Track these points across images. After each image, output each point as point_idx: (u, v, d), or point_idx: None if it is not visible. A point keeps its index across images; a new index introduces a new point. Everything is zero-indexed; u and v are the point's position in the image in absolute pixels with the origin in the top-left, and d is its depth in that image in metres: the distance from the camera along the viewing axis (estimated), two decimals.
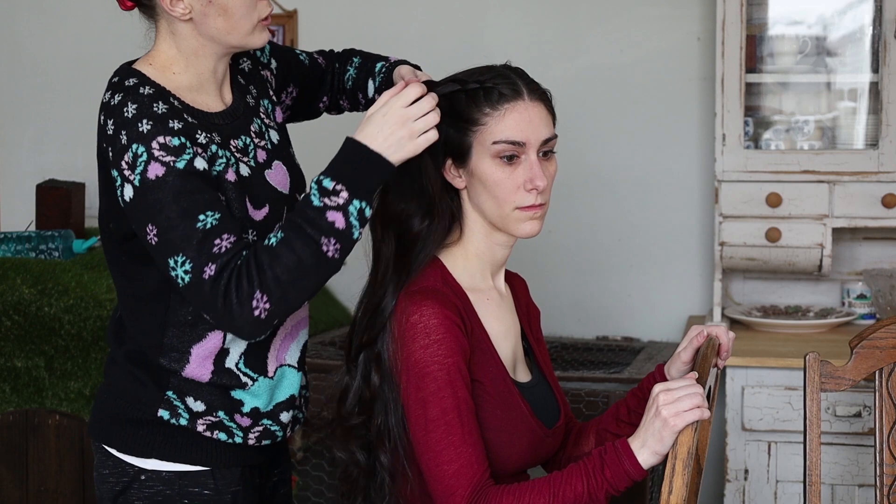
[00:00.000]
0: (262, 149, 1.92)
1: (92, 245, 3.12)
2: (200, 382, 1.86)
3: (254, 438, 1.91)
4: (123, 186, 1.75)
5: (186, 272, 1.73)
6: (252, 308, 1.72)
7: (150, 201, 1.73)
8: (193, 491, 1.87)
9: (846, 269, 3.34)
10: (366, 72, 2.12)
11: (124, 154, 1.74)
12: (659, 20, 3.44)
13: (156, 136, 1.74)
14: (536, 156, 1.85)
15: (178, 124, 1.77)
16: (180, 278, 1.74)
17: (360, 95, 2.13)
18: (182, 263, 1.73)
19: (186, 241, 1.72)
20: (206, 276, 1.72)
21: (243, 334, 1.78)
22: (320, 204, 1.74)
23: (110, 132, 1.77)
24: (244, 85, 1.96)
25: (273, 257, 1.73)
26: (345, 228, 1.74)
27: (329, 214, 1.73)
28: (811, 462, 2.08)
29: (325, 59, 2.16)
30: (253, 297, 1.72)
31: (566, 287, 3.51)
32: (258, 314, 1.73)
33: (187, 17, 1.81)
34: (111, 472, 1.89)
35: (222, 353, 1.87)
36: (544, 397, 1.97)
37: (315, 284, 1.76)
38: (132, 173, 1.74)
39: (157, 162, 1.73)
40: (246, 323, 1.73)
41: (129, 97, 1.77)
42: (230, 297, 1.72)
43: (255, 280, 1.72)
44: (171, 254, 1.73)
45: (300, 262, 1.72)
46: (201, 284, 1.72)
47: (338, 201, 1.74)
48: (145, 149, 1.73)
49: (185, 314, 1.84)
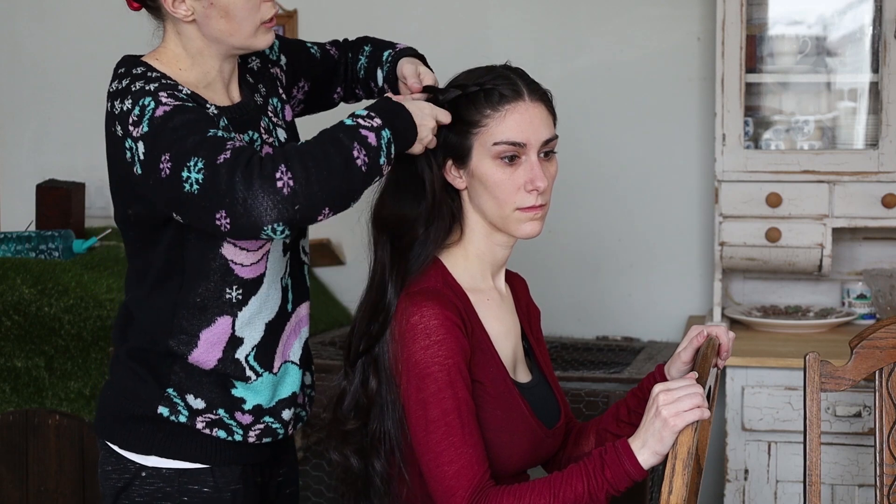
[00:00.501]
0: (270, 146, 1.93)
1: (92, 245, 3.12)
2: (202, 372, 1.86)
3: (254, 436, 1.91)
4: (137, 151, 1.71)
5: (199, 170, 1.63)
6: (275, 179, 1.61)
7: (162, 135, 1.68)
8: (193, 488, 1.88)
9: (846, 269, 3.34)
10: (375, 60, 2.12)
11: (130, 115, 1.72)
12: (659, 20, 3.44)
13: (163, 89, 1.74)
14: (537, 156, 1.85)
15: (188, 91, 1.78)
16: (194, 183, 1.64)
17: (372, 84, 2.14)
18: (194, 165, 1.64)
19: (197, 147, 1.65)
20: (220, 160, 1.63)
21: (263, 213, 1.61)
22: (353, 123, 1.72)
23: (117, 111, 1.76)
24: (253, 83, 1.97)
25: (302, 149, 1.67)
26: (376, 146, 1.71)
27: (362, 130, 1.71)
28: (811, 462, 2.08)
29: (337, 50, 2.16)
30: (277, 170, 1.62)
31: (566, 287, 3.51)
32: (281, 186, 1.61)
33: (190, 19, 1.82)
34: (114, 468, 1.91)
35: (234, 342, 1.87)
36: (544, 397, 1.97)
37: (339, 187, 1.66)
38: (139, 127, 1.70)
39: (164, 104, 1.71)
40: (267, 195, 1.60)
41: (137, 79, 1.77)
42: (251, 169, 1.61)
43: (280, 158, 1.64)
44: (183, 164, 1.65)
45: (329, 157, 1.66)
46: (216, 171, 1.62)
47: (371, 123, 1.73)
48: (151, 98, 1.72)
49: (195, 296, 1.84)
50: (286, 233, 1.65)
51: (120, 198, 1.86)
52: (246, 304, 1.87)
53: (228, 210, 1.62)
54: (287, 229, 1.65)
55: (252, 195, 1.61)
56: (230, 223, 1.64)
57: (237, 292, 1.86)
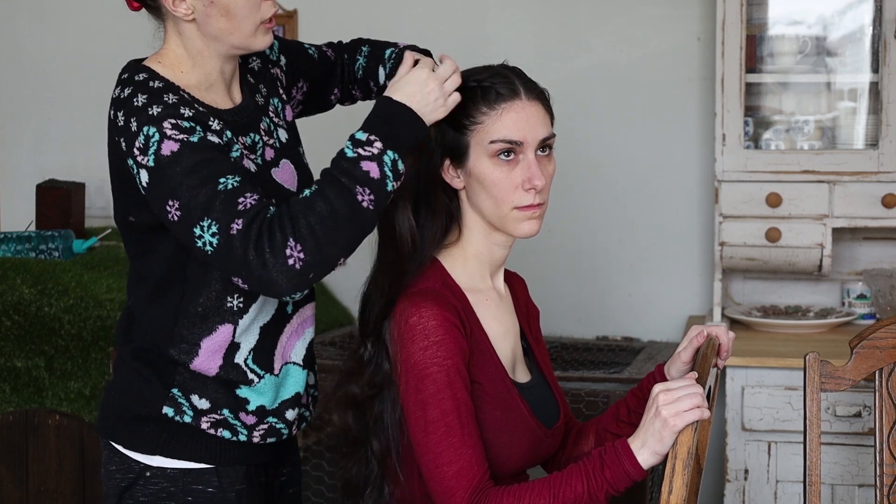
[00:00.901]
0: (271, 147, 1.93)
1: (92, 245, 3.12)
2: (206, 377, 1.86)
3: (258, 436, 1.91)
4: (139, 173, 1.74)
5: (213, 234, 1.69)
6: (286, 257, 1.67)
7: (168, 177, 1.71)
8: (197, 488, 1.88)
9: (846, 269, 3.34)
10: (375, 59, 2.12)
11: (136, 139, 1.73)
12: (659, 20, 3.44)
13: (167, 118, 1.74)
14: (534, 155, 1.85)
15: (189, 112, 1.77)
16: (207, 244, 1.69)
17: (372, 83, 2.13)
18: (208, 227, 1.69)
19: (209, 205, 1.69)
20: (233, 231, 1.68)
21: (281, 289, 1.70)
22: (354, 154, 1.73)
23: (121, 123, 1.76)
24: (254, 84, 1.97)
25: (306, 207, 1.70)
26: (379, 178, 1.72)
27: (363, 164, 1.72)
28: (811, 462, 2.08)
29: (333, 51, 2.16)
30: (286, 246, 1.67)
31: (566, 287, 3.51)
32: (293, 264, 1.67)
33: (190, 18, 1.82)
34: (117, 468, 1.90)
35: (232, 348, 1.87)
36: (544, 397, 1.96)
37: (349, 237, 1.72)
38: (145, 156, 1.72)
39: (171, 140, 1.72)
40: (281, 274, 1.68)
41: (139, 90, 1.78)
42: (262, 247, 1.67)
43: (288, 229, 1.68)
44: (196, 221, 1.70)
45: (334, 211, 1.69)
46: (230, 241, 1.68)
47: (372, 151, 1.73)
48: (156, 129, 1.73)
49: (196, 305, 1.84)
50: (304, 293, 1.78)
51: (121, 202, 1.86)
52: (247, 312, 1.87)
53: (245, 280, 1.71)
54: (304, 291, 1.75)
55: (267, 273, 1.68)
56: (247, 285, 1.72)
57: (238, 300, 1.86)
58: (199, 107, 1.81)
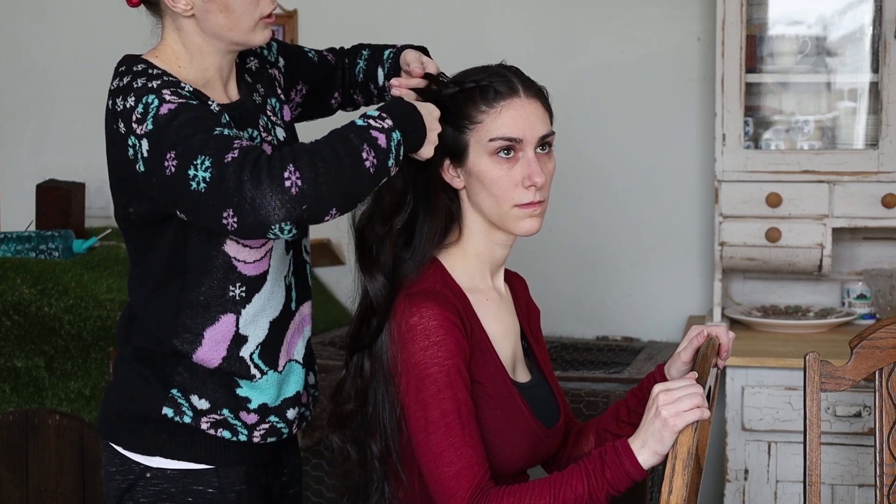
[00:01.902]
0: (269, 144, 1.93)
1: (92, 245, 3.11)
2: (207, 371, 1.86)
3: (259, 436, 1.91)
4: (140, 147, 1.71)
5: (206, 168, 1.64)
6: (283, 179, 1.61)
7: (166, 134, 1.69)
8: (197, 489, 1.88)
9: (846, 269, 3.34)
10: (375, 61, 2.13)
11: (134, 113, 1.73)
12: (659, 20, 3.44)
13: (166, 87, 1.74)
14: (534, 152, 1.85)
15: (190, 88, 1.78)
16: (201, 181, 1.64)
17: (372, 86, 2.14)
18: (202, 164, 1.64)
19: (205, 145, 1.66)
20: (228, 159, 1.63)
21: (271, 212, 1.62)
22: (364, 123, 1.72)
23: (119, 108, 1.76)
24: (251, 83, 1.98)
25: (310, 147, 1.68)
26: (385, 148, 1.71)
27: (373, 131, 1.71)
28: (811, 462, 2.08)
29: (334, 56, 2.16)
30: (285, 170, 1.62)
31: (566, 287, 3.51)
32: (289, 186, 1.61)
33: (189, 14, 1.83)
34: (117, 469, 1.90)
35: (238, 340, 1.87)
36: (544, 397, 1.96)
37: (346, 188, 1.66)
38: (143, 124, 1.71)
39: (169, 102, 1.71)
40: (275, 195, 1.60)
41: (138, 76, 1.78)
42: (259, 169, 1.61)
43: (289, 157, 1.64)
44: (190, 162, 1.65)
45: (338, 157, 1.66)
46: (224, 169, 1.62)
47: (382, 125, 1.73)
48: (155, 96, 1.72)
49: (198, 295, 1.85)
50: (293, 232, 1.66)
51: (120, 196, 1.85)
52: (249, 302, 1.87)
53: (236, 209, 1.63)
54: (294, 228, 1.65)
55: (260, 194, 1.61)
56: (237, 222, 1.64)
57: (240, 290, 1.86)
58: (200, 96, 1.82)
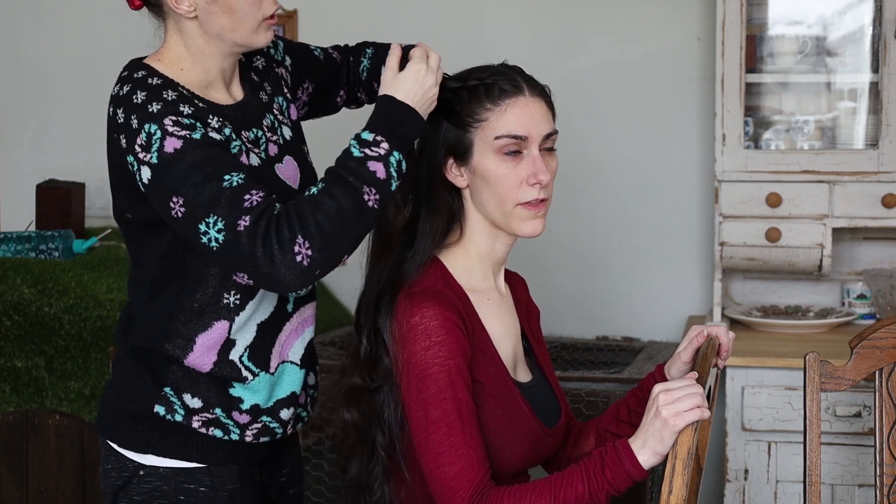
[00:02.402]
0: (274, 143, 1.93)
1: (92, 245, 3.11)
2: (200, 373, 1.86)
3: (251, 435, 1.91)
4: (140, 170, 1.74)
5: (220, 230, 1.69)
6: (294, 254, 1.68)
7: (171, 174, 1.71)
8: (189, 487, 1.88)
9: (846, 269, 3.34)
10: (378, 60, 2.13)
11: (137, 137, 1.74)
12: (659, 20, 3.44)
13: (167, 115, 1.75)
14: (538, 151, 1.85)
15: (189, 109, 1.78)
16: (213, 240, 1.70)
17: (375, 84, 2.14)
18: (214, 224, 1.70)
19: (215, 202, 1.70)
20: (240, 227, 1.69)
21: (288, 285, 1.71)
22: (361, 154, 1.74)
23: (121, 120, 1.77)
24: (258, 82, 1.98)
25: (314, 205, 1.71)
26: (385, 179, 1.74)
27: (370, 164, 1.74)
28: (811, 462, 2.08)
29: (339, 54, 2.17)
30: (295, 243, 1.68)
31: (566, 287, 3.51)
32: (301, 260, 1.68)
33: (192, 15, 1.83)
34: (113, 466, 1.91)
35: (228, 345, 1.87)
36: (545, 397, 1.96)
37: (354, 236, 1.74)
38: (147, 154, 1.73)
39: (173, 136, 1.73)
40: (289, 270, 1.68)
41: (138, 87, 1.78)
42: (270, 243, 1.68)
43: (297, 226, 1.69)
44: (201, 218, 1.70)
45: (341, 210, 1.71)
46: (237, 238, 1.69)
47: (379, 151, 1.75)
48: (158, 127, 1.73)
49: (192, 301, 1.85)
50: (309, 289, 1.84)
51: (119, 201, 1.86)
52: (243, 309, 1.87)
53: (252, 276, 1.72)
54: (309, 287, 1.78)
55: (275, 270, 1.69)
56: (253, 283, 1.74)
57: (235, 297, 1.86)
58: (198, 102, 1.82)
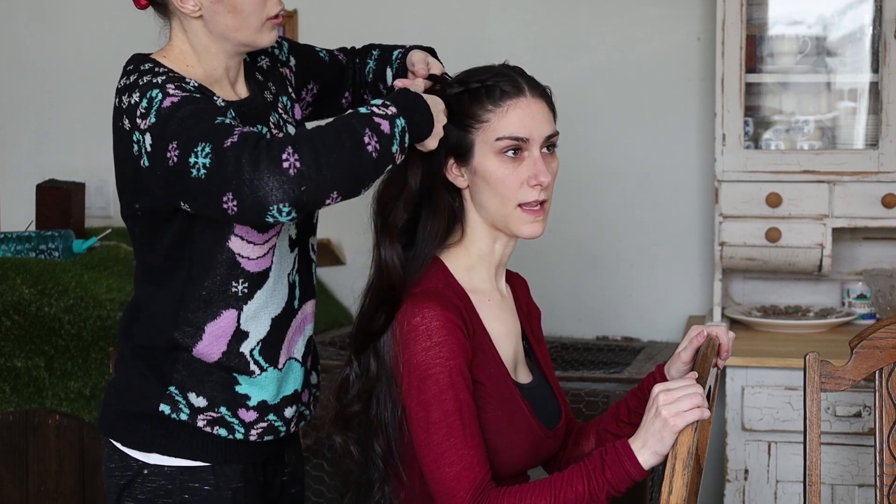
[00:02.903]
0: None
1: (92, 245, 3.11)
2: (205, 370, 1.87)
3: (256, 434, 1.91)
4: (144, 142, 1.72)
5: (206, 154, 1.65)
6: (281, 161, 1.61)
7: (168, 126, 1.70)
8: (193, 486, 1.88)
9: (846, 269, 3.34)
10: (384, 61, 2.14)
11: (138, 108, 1.74)
12: (659, 20, 3.44)
13: (171, 82, 1.75)
14: (539, 152, 1.85)
15: (195, 83, 1.79)
16: (201, 167, 1.65)
17: (381, 86, 2.14)
18: (202, 150, 1.65)
19: (205, 133, 1.67)
20: (227, 143, 1.64)
21: (270, 195, 1.62)
22: (367, 111, 1.73)
23: (125, 105, 1.77)
24: (262, 81, 1.98)
25: (311, 132, 1.68)
26: (388, 133, 1.71)
27: (376, 118, 1.71)
28: (811, 462, 2.08)
29: (345, 56, 2.17)
30: (283, 151, 1.62)
31: (567, 287, 3.51)
32: (287, 167, 1.61)
33: (197, 15, 1.84)
34: (116, 465, 1.91)
35: (239, 336, 1.87)
36: (545, 398, 1.97)
37: (347, 171, 1.66)
38: (147, 118, 1.72)
39: (171, 96, 1.73)
40: (273, 176, 1.61)
41: (145, 74, 1.79)
42: (258, 153, 1.62)
43: (288, 140, 1.64)
44: (191, 150, 1.66)
45: (339, 140, 1.66)
46: (223, 154, 1.63)
47: (386, 112, 1.73)
48: (159, 90, 1.74)
49: (201, 289, 1.85)
50: (293, 215, 1.65)
51: (126, 193, 1.86)
52: (251, 298, 1.88)
53: (235, 192, 1.63)
54: (294, 211, 1.64)
55: (258, 176, 1.62)
56: (237, 205, 1.64)
57: (243, 286, 1.86)
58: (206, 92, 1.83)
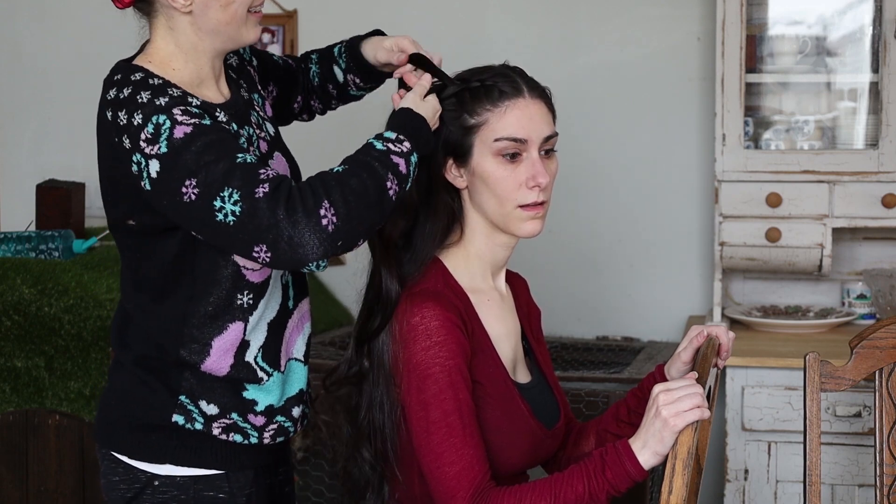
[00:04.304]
0: (264, 140, 1.92)
1: (92, 245, 3.12)
2: (216, 378, 1.83)
3: (269, 437, 1.89)
4: (147, 166, 1.69)
5: (235, 202, 1.63)
6: (320, 217, 1.61)
7: (183, 158, 1.66)
8: (208, 495, 1.85)
9: (846, 269, 3.34)
10: (327, 60, 2.11)
11: (142, 132, 1.69)
12: (659, 20, 3.44)
13: (175, 105, 1.71)
14: (538, 153, 1.85)
15: (197, 100, 1.76)
16: (229, 214, 1.63)
17: (331, 87, 2.12)
18: (229, 196, 1.63)
19: (228, 176, 1.64)
20: (258, 194, 1.62)
21: (310, 251, 1.62)
22: (384, 148, 1.73)
23: (122, 122, 1.72)
24: (235, 79, 1.96)
25: (339, 180, 1.67)
26: (405, 174, 1.73)
27: (393, 157, 1.72)
28: (811, 462, 2.08)
29: (293, 61, 2.16)
30: (321, 206, 1.62)
31: (566, 287, 3.51)
32: (326, 224, 1.62)
33: (188, 9, 1.79)
34: (122, 478, 1.86)
35: (243, 346, 1.85)
36: (544, 398, 1.97)
37: (372, 220, 1.69)
38: (155, 146, 1.68)
39: (182, 124, 1.69)
40: (313, 234, 1.61)
41: (140, 87, 1.74)
42: (294, 206, 1.61)
43: (322, 193, 1.64)
44: (215, 194, 1.63)
45: (366, 190, 1.67)
46: (255, 205, 1.62)
47: (401, 149, 1.74)
48: (166, 116, 1.69)
49: (206, 305, 1.81)
50: (325, 263, 1.67)
51: (118, 208, 1.82)
52: (256, 308, 1.85)
53: (271, 246, 1.64)
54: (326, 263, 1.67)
55: (298, 233, 1.62)
56: (271, 256, 1.65)
57: (248, 297, 1.84)
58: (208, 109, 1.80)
